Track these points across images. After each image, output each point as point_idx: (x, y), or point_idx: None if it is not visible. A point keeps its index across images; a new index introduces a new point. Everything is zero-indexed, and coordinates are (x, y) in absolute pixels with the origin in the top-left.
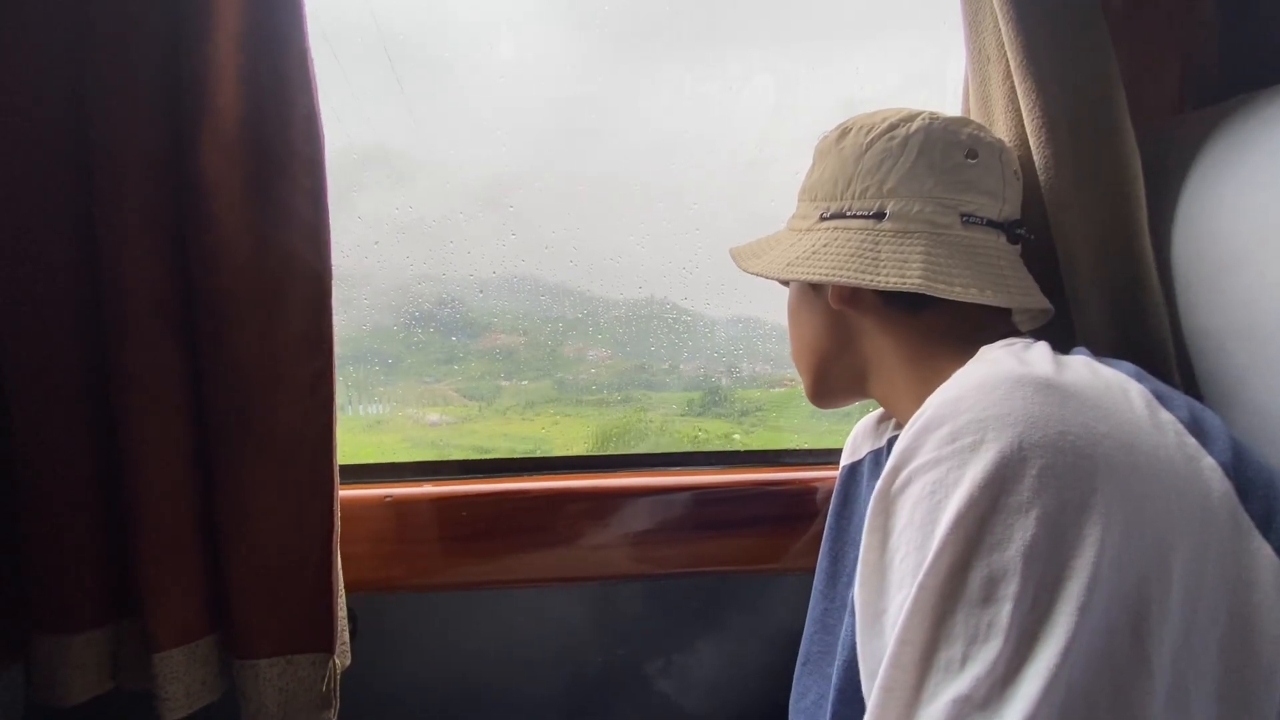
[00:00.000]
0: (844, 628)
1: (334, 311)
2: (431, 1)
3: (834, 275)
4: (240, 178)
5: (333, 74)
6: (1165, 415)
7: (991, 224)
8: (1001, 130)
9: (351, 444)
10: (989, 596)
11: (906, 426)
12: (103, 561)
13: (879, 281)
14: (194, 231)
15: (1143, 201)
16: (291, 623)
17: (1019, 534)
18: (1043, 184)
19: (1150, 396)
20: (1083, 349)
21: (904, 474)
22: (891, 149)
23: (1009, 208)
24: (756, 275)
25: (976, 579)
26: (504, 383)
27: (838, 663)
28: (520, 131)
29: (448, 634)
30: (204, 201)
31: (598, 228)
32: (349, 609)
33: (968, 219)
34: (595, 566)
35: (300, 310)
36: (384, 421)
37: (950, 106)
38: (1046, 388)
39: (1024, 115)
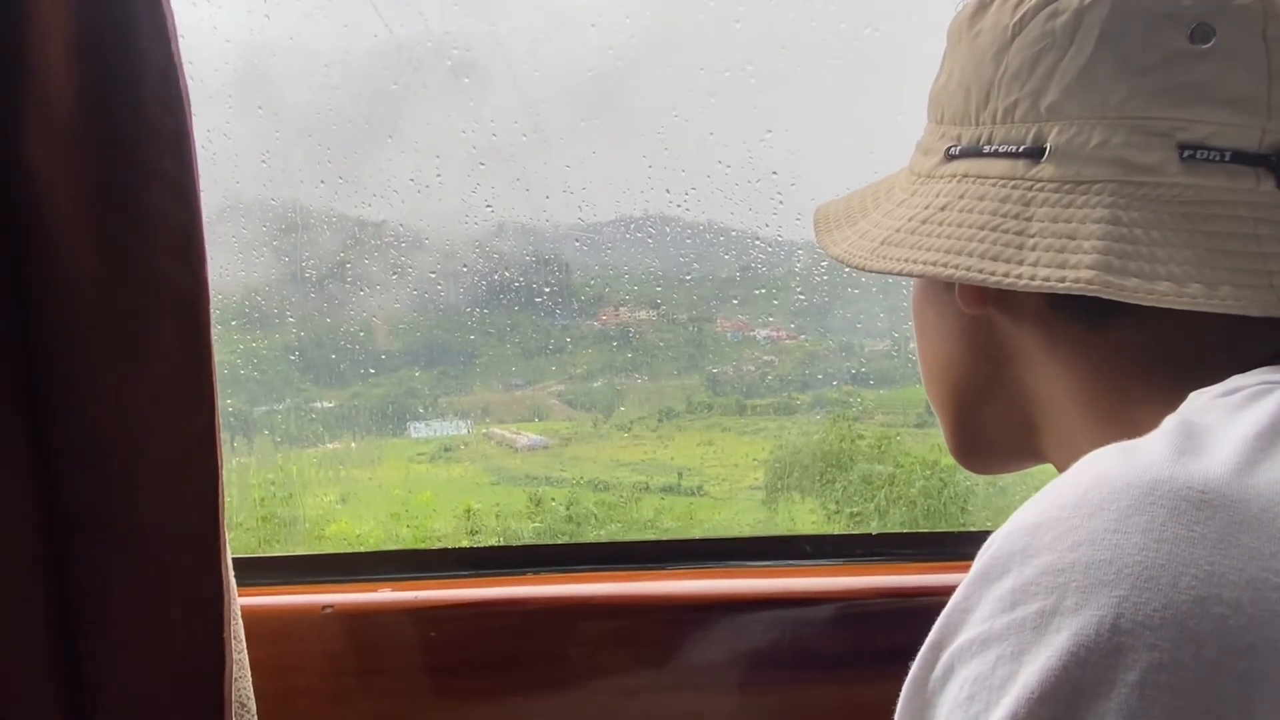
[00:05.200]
0: None
1: (214, 350)
2: None
3: (948, 264)
4: (80, 171)
5: None
6: None
7: (1241, 158)
8: None
9: (418, 478)
10: None
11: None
12: None
13: (1021, 275)
14: (30, 250)
15: None
16: None
17: None
18: None
19: None
20: None
21: (945, 657)
22: (1054, 34)
23: None
24: (836, 260)
25: None
26: (627, 382)
27: None
28: (621, 8)
29: None
30: (38, 208)
31: (752, 131)
32: None
33: (1192, 153)
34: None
35: (169, 349)
36: (458, 447)
37: None
38: (1199, 507)
39: None
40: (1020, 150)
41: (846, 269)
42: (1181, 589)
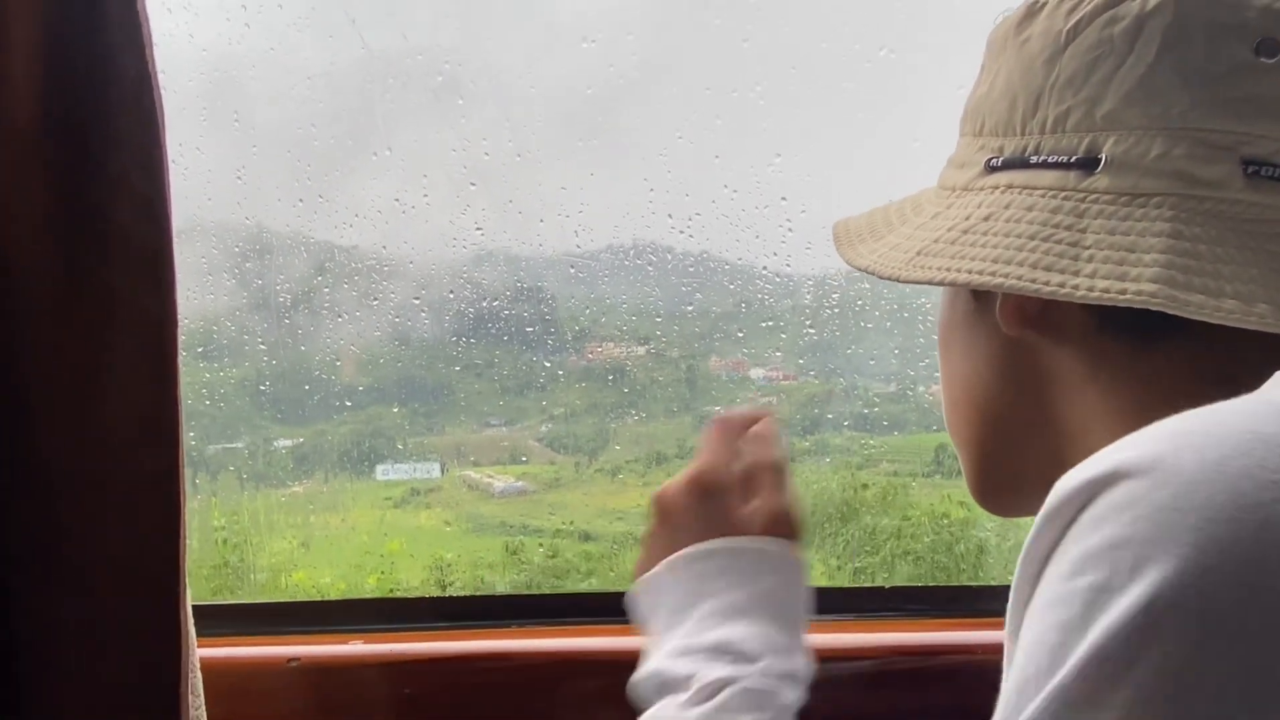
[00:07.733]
0: None
1: (181, 380)
2: None
3: (996, 273)
4: (42, 185)
5: None
6: None
7: None
8: None
9: (386, 525)
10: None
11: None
12: None
13: (1078, 285)
14: None
15: None
16: None
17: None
18: None
19: None
20: None
21: (1078, 549)
22: (1112, 41)
23: None
24: (865, 271)
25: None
26: (615, 423)
27: None
28: (621, 24)
29: None
30: None
31: (760, 155)
32: None
33: (1257, 169)
34: None
35: (132, 377)
36: (427, 491)
37: None
38: None
39: None
40: (1072, 160)
41: (869, 284)
42: None
